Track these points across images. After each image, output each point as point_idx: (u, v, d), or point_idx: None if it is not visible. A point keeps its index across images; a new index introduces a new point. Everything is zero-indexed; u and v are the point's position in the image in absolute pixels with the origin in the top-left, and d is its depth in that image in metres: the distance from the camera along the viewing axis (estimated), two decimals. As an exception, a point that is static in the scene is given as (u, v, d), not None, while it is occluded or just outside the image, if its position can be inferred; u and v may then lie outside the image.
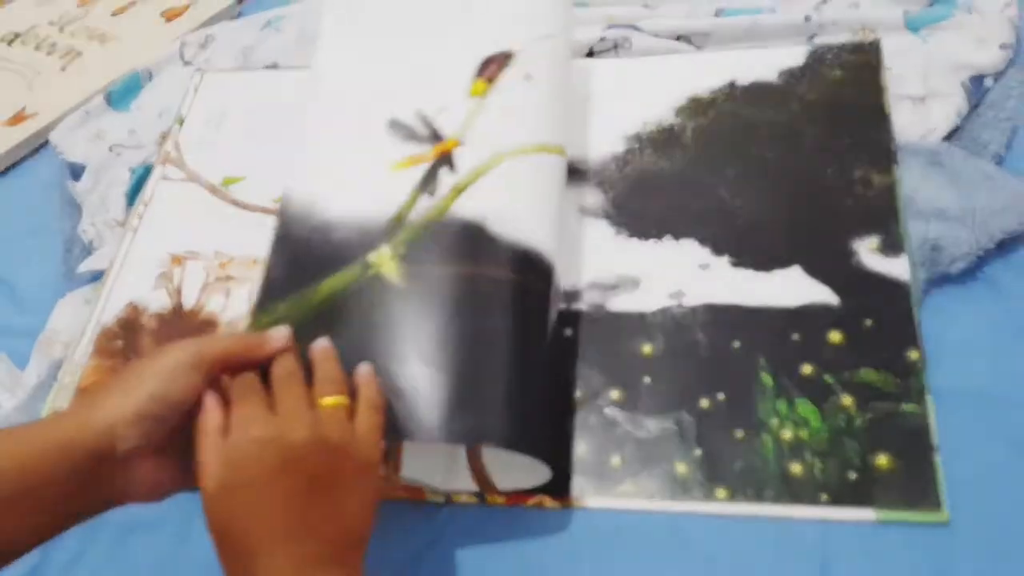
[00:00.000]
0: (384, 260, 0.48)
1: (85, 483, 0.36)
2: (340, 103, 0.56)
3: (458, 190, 0.49)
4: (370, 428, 0.39)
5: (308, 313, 0.47)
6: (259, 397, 0.37)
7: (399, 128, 0.53)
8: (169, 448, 0.38)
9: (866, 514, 0.42)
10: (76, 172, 0.67)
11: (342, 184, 0.52)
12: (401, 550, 0.45)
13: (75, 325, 0.57)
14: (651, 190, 0.56)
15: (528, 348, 0.45)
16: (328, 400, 0.38)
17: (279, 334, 0.40)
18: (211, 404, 0.37)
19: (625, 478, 0.45)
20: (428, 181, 0.50)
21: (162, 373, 0.37)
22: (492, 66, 0.53)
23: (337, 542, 0.36)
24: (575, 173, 0.58)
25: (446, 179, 0.50)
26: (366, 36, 0.58)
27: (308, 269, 0.49)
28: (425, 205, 0.49)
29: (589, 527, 0.44)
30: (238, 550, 0.35)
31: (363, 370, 0.42)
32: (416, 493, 0.47)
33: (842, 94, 0.57)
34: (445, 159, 0.51)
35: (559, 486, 0.45)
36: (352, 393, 0.40)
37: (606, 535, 0.44)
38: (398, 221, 0.49)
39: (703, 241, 0.53)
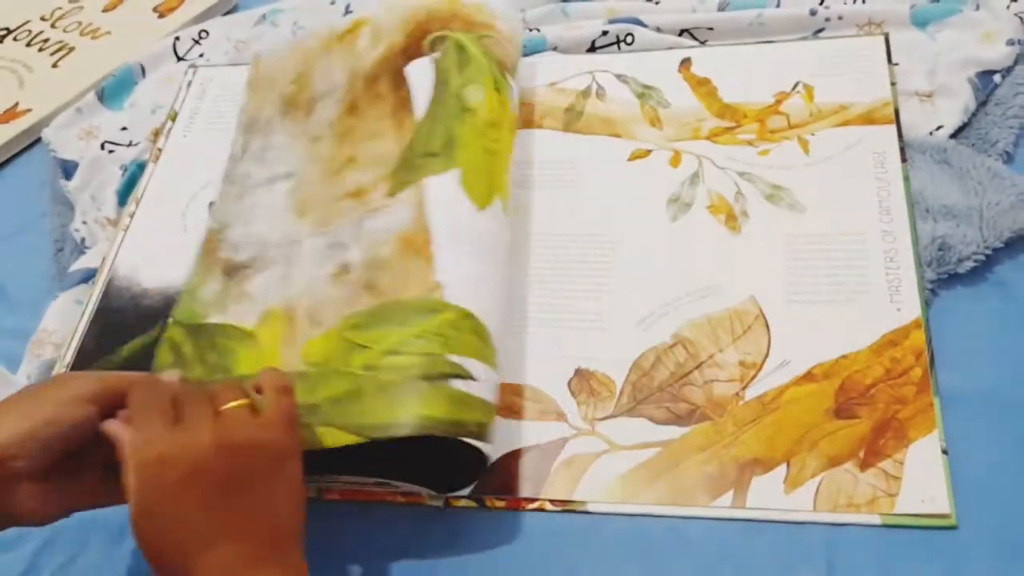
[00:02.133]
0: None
1: None
2: (176, 181, 0.62)
3: None
4: (280, 411, 0.39)
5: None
6: (159, 416, 0.37)
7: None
8: (54, 475, 0.38)
9: (872, 518, 0.41)
10: (68, 170, 0.66)
11: (159, 256, 0.57)
12: (399, 554, 0.44)
13: (67, 326, 0.56)
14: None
15: None
16: (229, 405, 0.38)
17: (171, 376, 0.41)
18: (122, 434, 0.37)
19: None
20: None
21: (60, 401, 0.38)
22: None
23: (268, 538, 0.36)
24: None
25: None
26: (210, 124, 0.65)
27: (120, 335, 0.54)
28: None
29: (590, 532, 0.44)
30: (171, 568, 0.35)
31: (266, 369, 0.43)
32: (414, 497, 0.46)
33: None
34: None
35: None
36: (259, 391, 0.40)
37: (607, 540, 0.43)
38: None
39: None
